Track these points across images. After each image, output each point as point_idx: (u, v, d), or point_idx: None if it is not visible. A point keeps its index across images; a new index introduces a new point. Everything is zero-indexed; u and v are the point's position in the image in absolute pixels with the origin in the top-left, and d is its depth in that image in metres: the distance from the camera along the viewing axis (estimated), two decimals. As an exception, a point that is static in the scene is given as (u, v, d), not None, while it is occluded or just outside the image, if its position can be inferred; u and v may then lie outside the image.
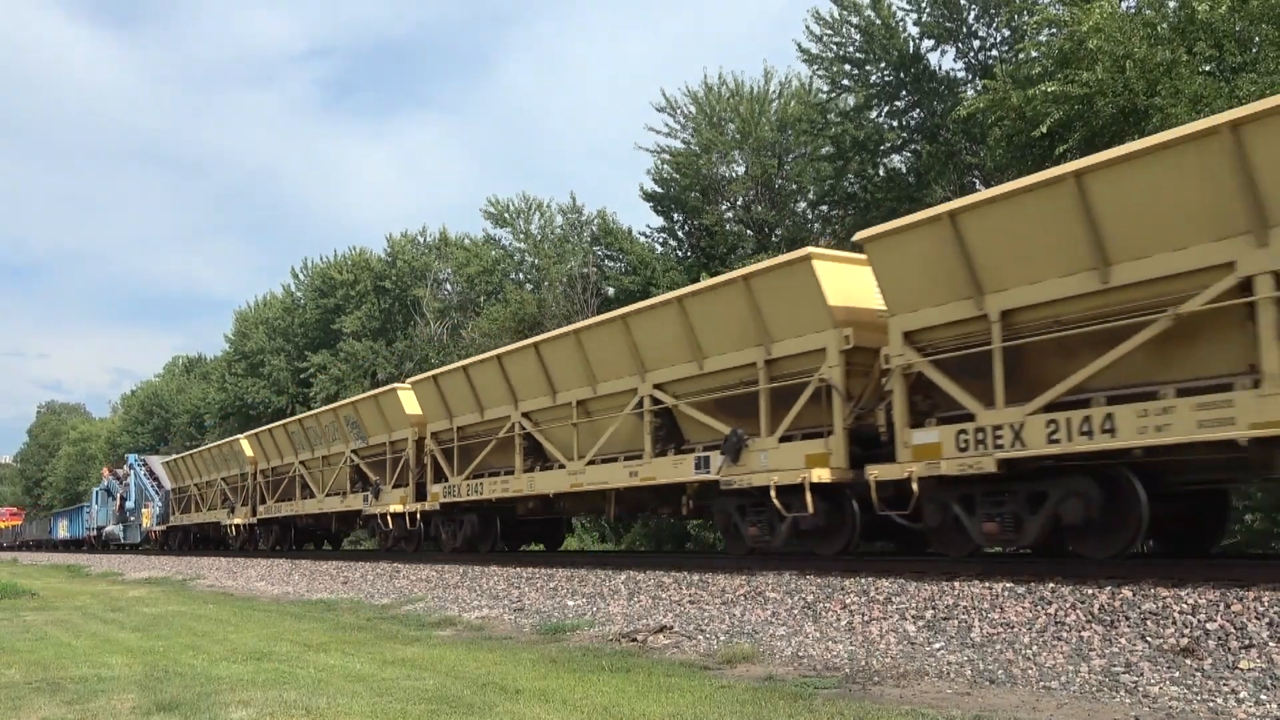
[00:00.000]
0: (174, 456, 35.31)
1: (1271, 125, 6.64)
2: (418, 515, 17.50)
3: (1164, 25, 13.82)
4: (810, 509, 9.76)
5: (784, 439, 10.30)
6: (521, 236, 37.06)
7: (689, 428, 11.85)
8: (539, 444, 14.40)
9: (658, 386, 12.00)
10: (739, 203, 26.66)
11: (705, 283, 11.69)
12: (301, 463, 23.17)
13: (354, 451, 20.21)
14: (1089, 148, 13.31)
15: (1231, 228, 6.89)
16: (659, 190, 27.73)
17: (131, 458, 40.29)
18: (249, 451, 26.60)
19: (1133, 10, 14.85)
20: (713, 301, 11.05)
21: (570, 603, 10.92)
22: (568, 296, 29.30)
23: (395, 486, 18.25)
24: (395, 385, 18.65)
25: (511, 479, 14.77)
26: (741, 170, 26.58)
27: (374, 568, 17.03)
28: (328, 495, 22.01)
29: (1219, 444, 6.98)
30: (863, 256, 9.56)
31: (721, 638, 8.18)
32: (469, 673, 7.12)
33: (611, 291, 28.93)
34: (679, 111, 27.36)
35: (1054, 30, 15.61)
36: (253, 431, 27.43)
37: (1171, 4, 14.37)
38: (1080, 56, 14.08)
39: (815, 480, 9.69)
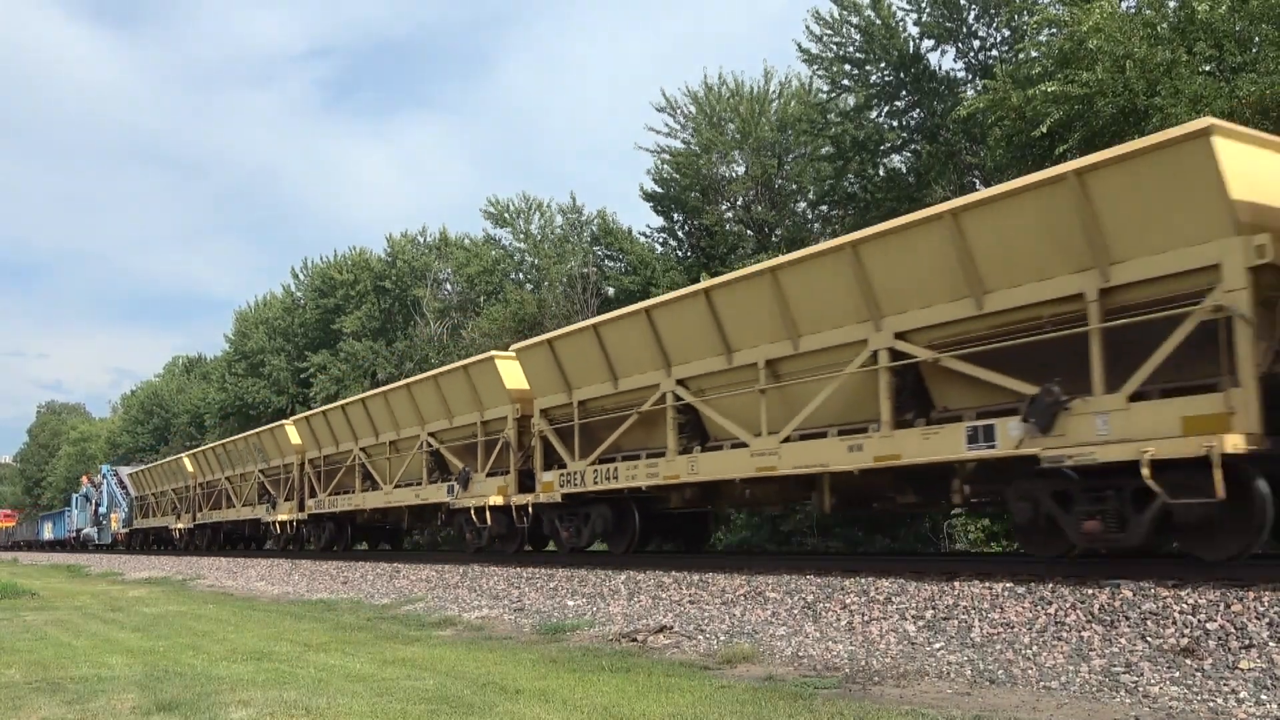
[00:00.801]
0: (136, 469, 40.39)
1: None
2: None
3: (1164, 25, 13.82)
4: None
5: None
6: (521, 236, 37.05)
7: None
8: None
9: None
10: (739, 203, 26.66)
11: (446, 367, 14.12)
12: (258, 471, 26.09)
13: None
14: (1089, 148, 13.31)
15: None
16: (659, 190, 27.73)
17: (105, 468, 45.23)
18: (190, 467, 32.34)
19: (1133, 10, 14.85)
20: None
21: (570, 603, 10.92)
22: (568, 296, 29.29)
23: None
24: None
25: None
26: (741, 170, 26.57)
27: (374, 568, 17.03)
28: (245, 503, 27.59)
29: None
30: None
31: (721, 638, 8.18)
32: (469, 673, 7.12)
33: (611, 291, 28.93)
34: (679, 111, 27.37)
35: (1054, 30, 15.61)
36: (191, 451, 33.76)
37: (1171, 4, 14.37)
38: (1080, 56, 14.08)
39: (492, 504, 11.87)
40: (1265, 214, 7.09)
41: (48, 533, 57.20)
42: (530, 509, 14.82)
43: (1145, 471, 7.17)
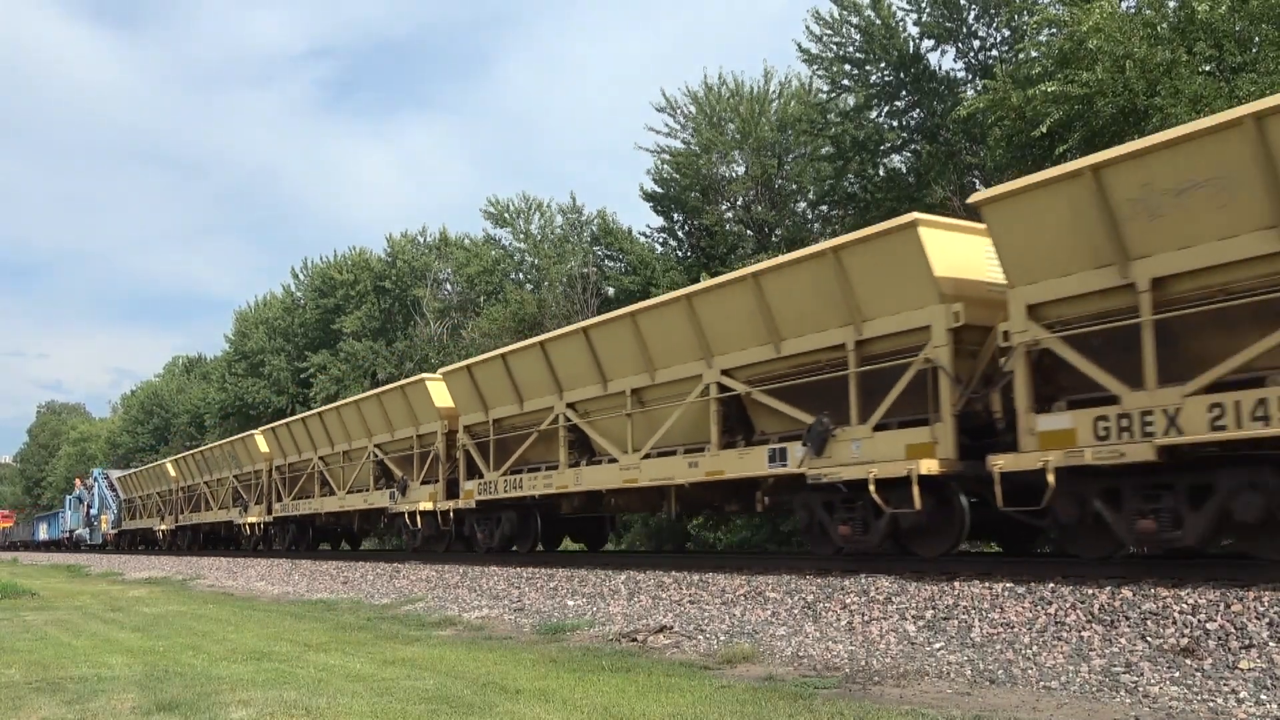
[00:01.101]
0: (125, 472, 42.44)
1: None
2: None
3: (1164, 25, 13.82)
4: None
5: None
6: (521, 236, 37.05)
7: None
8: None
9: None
10: (739, 203, 26.66)
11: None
12: (215, 479, 26.73)
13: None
14: (1089, 148, 13.31)
15: None
16: (659, 190, 27.73)
17: (96, 471, 46.77)
18: (173, 472, 33.52)
19: (1133, 10, 14.85)
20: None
21: (570, 603, 10.93)
22: (568, 296, 29.30)
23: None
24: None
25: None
26: (741, 170, 26.57)
27: (374, 568, 17.03)
28: (221, 506, 27.49)
29: None
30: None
31: (721, 638, 8.18)
32: (469, 673, 7.13)
33: (611, 291, 28.94)
34: (679, 111, 27.37)
35: (1054, 30, 15.61)
36: (174, 456, 35.14)
37: (1171, 4, 14.37)
38: (1080, 56, 14.09)
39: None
40: (962, 285, 8.83)
41: (43, 533, 59.36)
42: (453, 514, 16.44)
43: (872, 488, 9.08)
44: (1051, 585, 7.49)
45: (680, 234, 28.39)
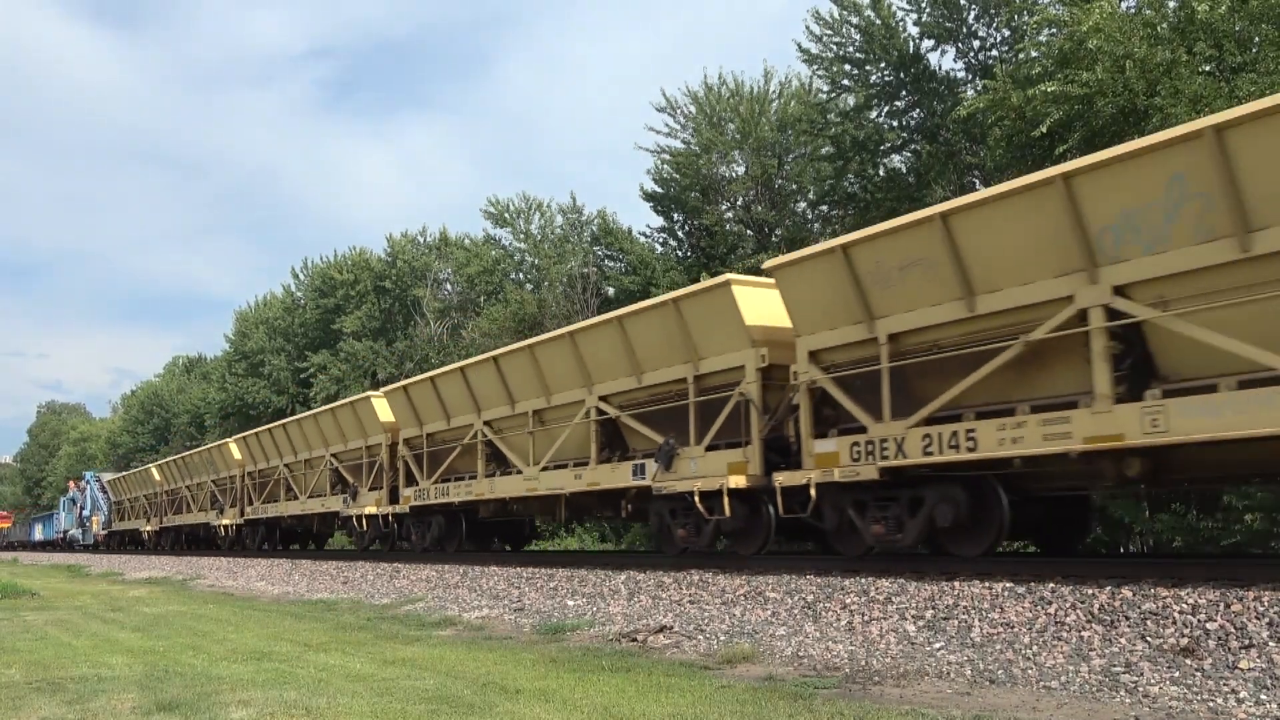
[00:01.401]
0: (115, 476, 44.96)
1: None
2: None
3: (1164, 25, 13.82)
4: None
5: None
6: (521, 236, 37.06)
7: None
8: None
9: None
10: (739, 203, 26.66)
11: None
12: (193, 483, 28.50)
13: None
14: (1089, 148, 13.31)
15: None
16: (659, 190, 27.74)
17: (89, 474, 49.20)
18: (157, 476, 35.74)
19: (1133, 10, 14.85)
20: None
21: (570, 603, 10.93)
22: (568, 296, 29.30)
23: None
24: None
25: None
26: (741, 170, 26.58)
27: (374, 568, 17.03)
28: (200, 508, 30.12)
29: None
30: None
31: (721, 638, 8.18)
32: (469, 673, 7.13)
33: (611, 291, 28.93)
34: (679, 111, 27.38)
35: (1054, 30, 15.62)
36: (160, 461, 37.97)
37: (1171, 4, 14.37)
38: (1080, 56, 14.09)
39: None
40: (769, 332, 10.70)
41: (39, 534, 61.61)
42: (393, 517, 18.65)
43: (696, 498, 11.13)
44: (1051, 585, 7.49)
45: (680, 234, 28.40)
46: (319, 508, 21.72)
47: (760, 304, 10.82)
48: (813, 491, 9.72)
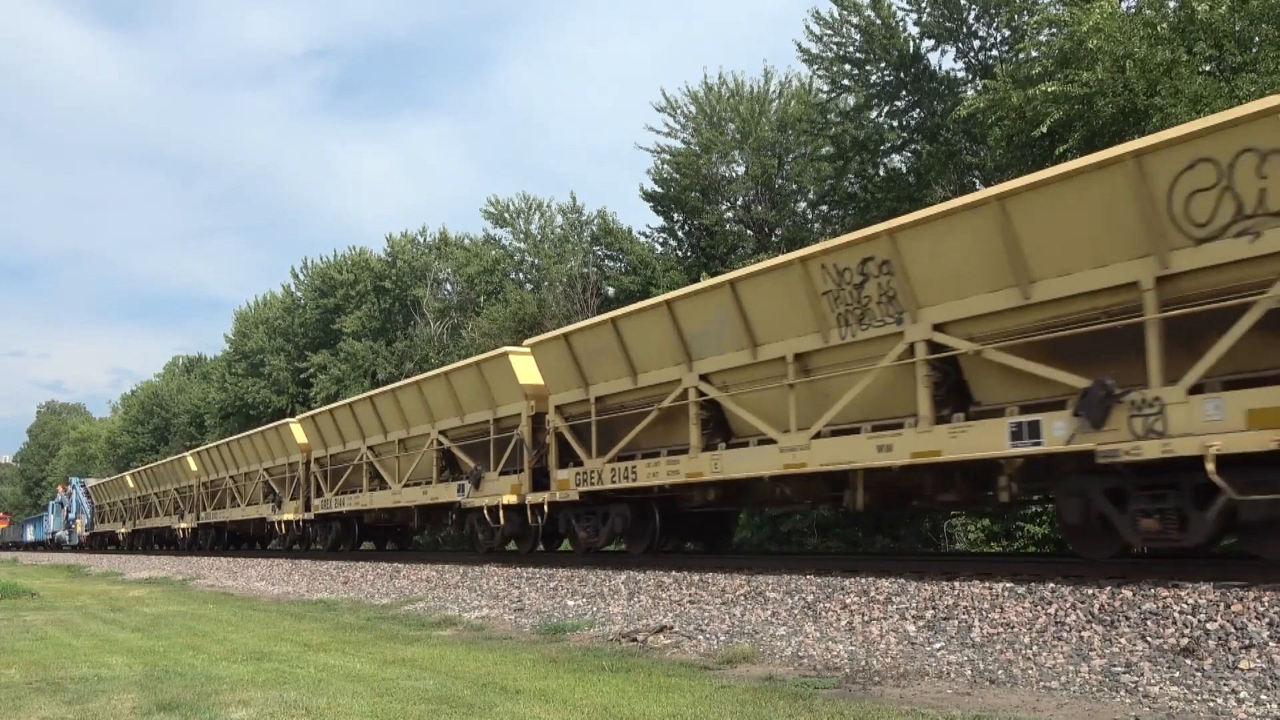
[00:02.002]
0: (97, 482, 49.63)
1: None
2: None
3: (1164, 25, 13.81)
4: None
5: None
6: (521, 236, 37.02)
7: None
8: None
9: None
10: (739, 203, 26.65)
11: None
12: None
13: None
14: (1089, 148, 13.31)
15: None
16: (659, 190, 27.71)
17: (75, 480, 54.06)
18: (131, 484, 40.10)
19: (1133, 10, 14.84)
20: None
21: (570, 603, 10.92)
22: (568, 296, 29.29)
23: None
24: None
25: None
26: (741, 170, 26.56)
27: (374, 568, 17.03)
28: (166, 513, 34.94)
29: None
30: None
31: (721, 638, 8.18)
32: (469, 673, 7.13)
33: (611, 291, 28.93)
34: (679, 111, 27.35)
35: (1054, 30, 15.60)
36: (137, 469, 41.14)
37: (1171, 4, 14.37)
38: (1080, 56, 14.09)
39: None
40: (538, 389, 14.53)
41: (30, 534, 65.58)
42: (546, 508, 18.93)
43: (485, 511, 15.51)
44: (1051, 585, 7.49)
45: (680, 234, 28.37)
46: (255, 514, 25.83)
47: (531, 368, 14.63)
48: (546, 508, 14.15)
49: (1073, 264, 7.80)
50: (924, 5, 19.37)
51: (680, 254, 28.12)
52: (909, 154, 21.03)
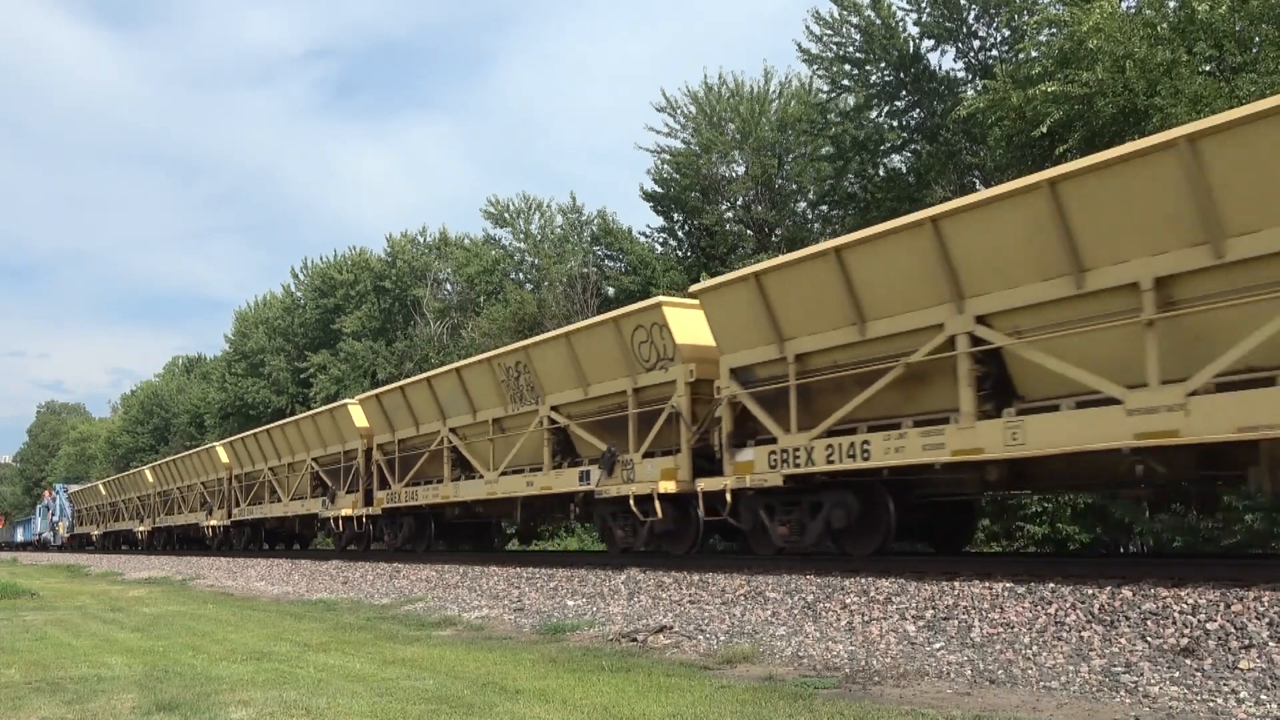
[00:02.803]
0: (79, 488, 53.61)
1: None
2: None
3: (1164, 25, 13.82)
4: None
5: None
6: (521, 236, 37.04)
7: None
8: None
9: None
10: (739, 203, 26.67)
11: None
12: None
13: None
14: (1089, 148, 13.32)
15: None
16: (659, 190, 27.73)
17: (58, 486, 59.80)
18: (103, 491, 44.33)
19: (1133, 10, 14.85)
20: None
21: (570, 603, 10.93)
22: (568, 296, 29.29)
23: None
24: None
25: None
26: (741, 170, 26.57)
27: (374, 568, 17.03)
28: (130, 518, 39.95)
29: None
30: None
31: (721, 638, 8.18)
32: (469, 673, 7.13)
33: (611, 291, 28.93)
34: (679, 111, 27.37)
35: (1054, 30, 15.62)
36: (108, 479, 45.75)
37: (1171, 4, 14.37)
38: (1080, 56, 14.10)
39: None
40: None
41: (19, 536, 69.48)
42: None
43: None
44: (1051, 585, 7.49)
45: (680, 234, 28.40)
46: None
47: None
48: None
49: None
50: (924, 5, 19.39)
51: (680, 254, 28.13)
52: (909, 154, 21.05)
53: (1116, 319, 7.54)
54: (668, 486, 11.71)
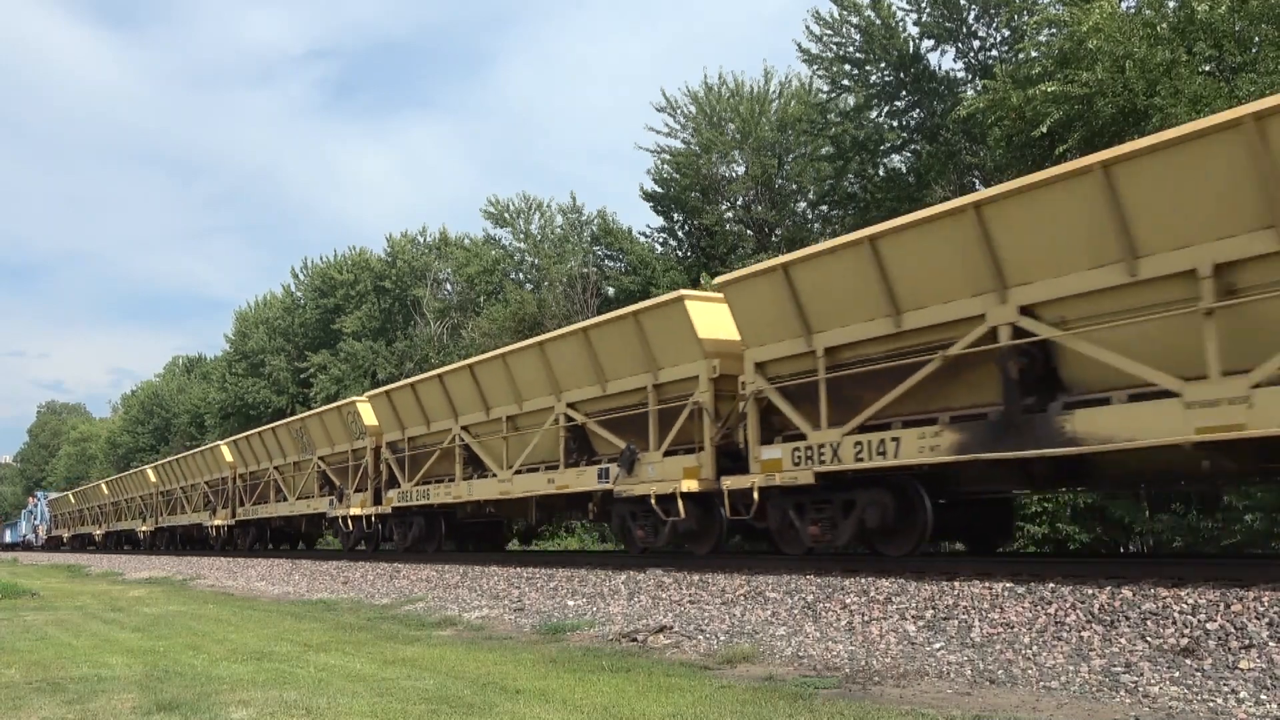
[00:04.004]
0: (56, 496, 61.29)
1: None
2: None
3: (1164, 25, 13.82)
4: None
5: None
6: (521, 236, 37.06)
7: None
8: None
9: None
10: (739, 203, 26.67)
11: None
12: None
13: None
14: (1088, 148, 13.31)
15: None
16: (659, 190, 27.74)
17: (39, 493, 67.62)
18: (72, 500, 50.50)
19: (1133, 10, 14.85)
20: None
21: (570, 603, 10.93)
22: (568, 296, 29.30)
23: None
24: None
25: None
26: (741, 170, 26.58)
27: (374, 568, 17.04)
28: (91, 524, 47.57)
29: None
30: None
31: (721, 638, 8.18)
32: (469, 673, 7.13)
33: (611, 291, 28.94)
34: (679, 111, 27.38)
35: (1054, 30, 15.62)
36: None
37: (1171, 4, 14.37)
38: (1080, 56, 14.10)
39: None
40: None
41: (7, 537, 74.57)
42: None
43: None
44: (1051, 585, 7.49)
45: (680, 234, 28.41)
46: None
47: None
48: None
49: None
50: (924, 5, 19.40)
51: (680, 254, 28.14)
52: (909, 154, 21.06)
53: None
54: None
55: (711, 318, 11.45)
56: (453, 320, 36.20)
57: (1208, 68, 13.58)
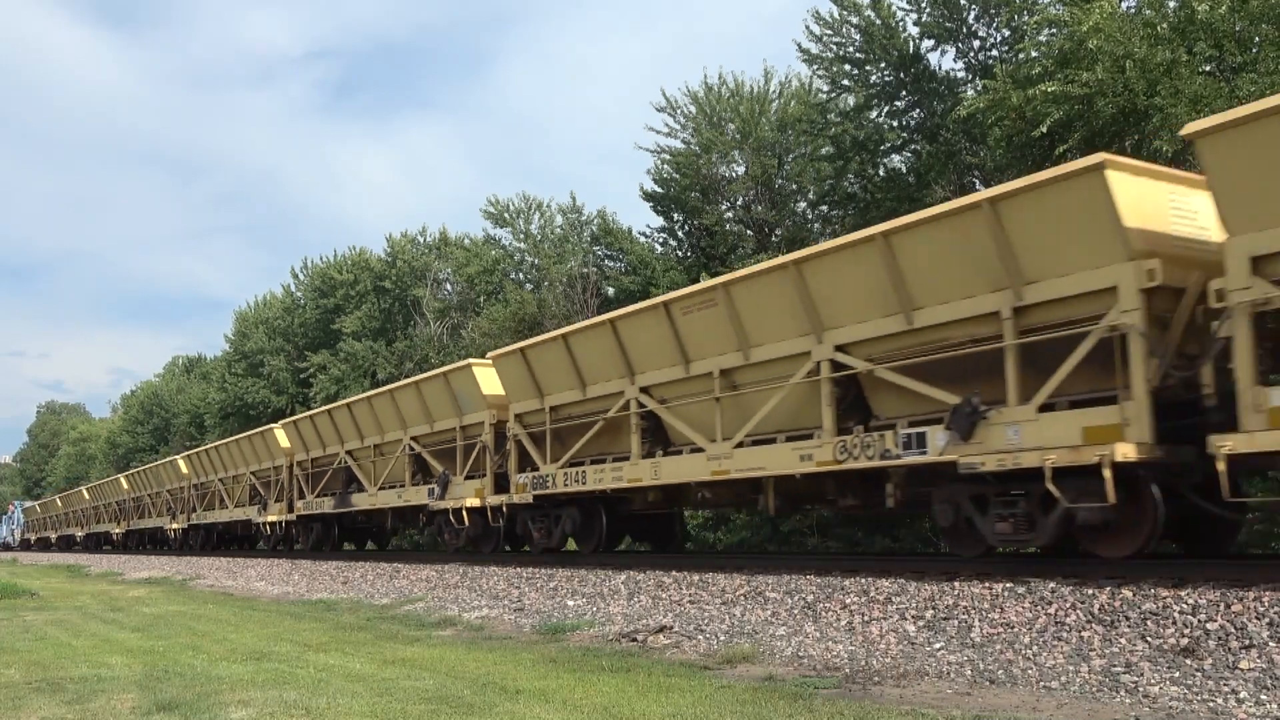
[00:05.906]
0: (30, 504, 71.40)
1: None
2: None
3: (1164, 25, 13.80)
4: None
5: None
6: (521, 236, 37.03)
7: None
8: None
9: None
10: (739, 203, 26.65)
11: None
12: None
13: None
14: (1089, 148, 13.30)
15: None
16: (659, 190, 27.71)
17: (16, 501, 77.05)
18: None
19: (1133, 10, 14.84)
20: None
21: (570, 603, 10.92)
22: (568, 296, 29.29)
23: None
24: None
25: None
26: (741, 170, 26.56)
27: (374, 568, 17.03)
28: (64, 527, 52.94)
29: None
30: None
31: (721, 638, 8.18)
32: (469, 673, 7.12)
33: (611, 291, 28.93)
34: (679, 111, 27.34)
35: (1054, 30, 15.60)
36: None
37: (1171, 4, 14.36)
38: (1080, 56, 14.08)
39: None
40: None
41: None
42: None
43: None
44: (1051, 585, 7.48)
45: (680, 234, 28.36)
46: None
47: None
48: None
49: None
50: (924, 5, 19.37)
51: (680, 254, 28.12)
52: (909, 154, 21.03)
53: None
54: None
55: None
56: (453, 320, 36.19)
57: (1208, 68, 13.57)
